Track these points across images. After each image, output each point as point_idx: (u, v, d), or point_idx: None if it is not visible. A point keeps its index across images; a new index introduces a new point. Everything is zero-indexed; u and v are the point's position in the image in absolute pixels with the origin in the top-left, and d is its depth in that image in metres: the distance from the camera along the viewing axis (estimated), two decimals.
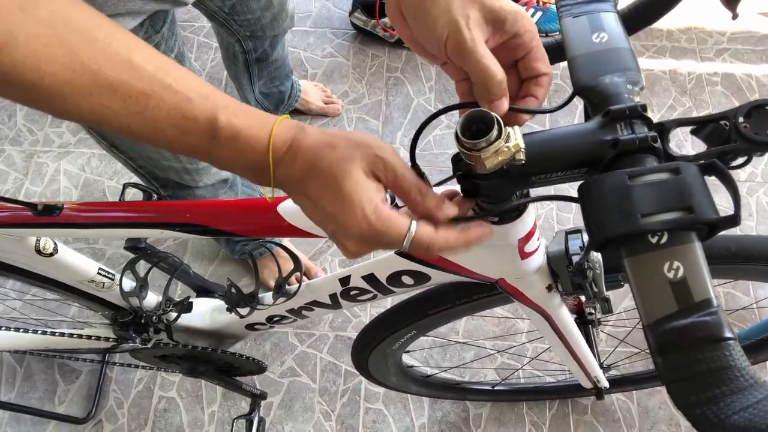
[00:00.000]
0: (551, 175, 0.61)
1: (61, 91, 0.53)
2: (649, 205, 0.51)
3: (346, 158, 0.60)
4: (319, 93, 2.41)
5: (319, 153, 0.60)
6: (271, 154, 0.61)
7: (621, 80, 0.63)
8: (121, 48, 0.55)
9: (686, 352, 0.47)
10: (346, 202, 0.60)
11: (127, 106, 0.56)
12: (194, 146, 0.60)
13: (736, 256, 0.95)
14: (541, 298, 0.96)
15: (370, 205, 0.60)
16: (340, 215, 0.61)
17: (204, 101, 0.59)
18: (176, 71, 0.58)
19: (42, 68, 0.51)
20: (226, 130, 0.59)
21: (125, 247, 1.09)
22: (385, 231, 0.61)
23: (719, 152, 0.55)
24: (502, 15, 0.62)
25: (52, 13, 0.51)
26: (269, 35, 1.74)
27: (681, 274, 0.50)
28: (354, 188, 0.60)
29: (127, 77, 0.55)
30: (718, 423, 0.45)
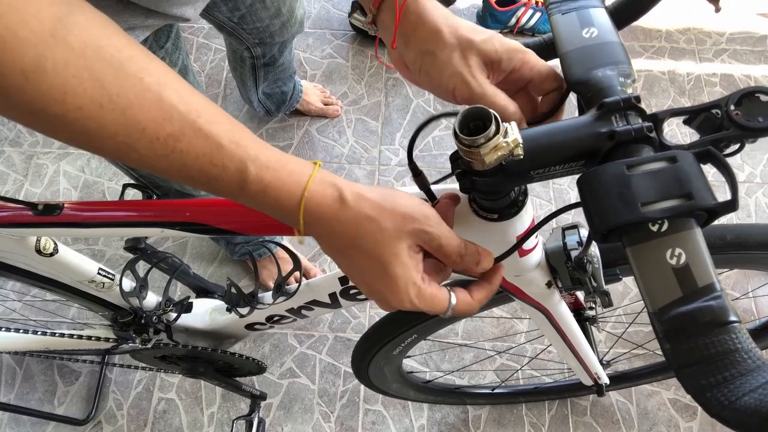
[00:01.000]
0: (549, 169, 0.61)
1: (86, 127, 0.50)
2: (648, 193, 0.51)
3: (393, 239, 0.60)
4: (318, 94, 2.41)
5: (363, 229, 0.60)
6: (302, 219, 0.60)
7: (613, 73, 0.63)
8: (152, 84, 0.52)
9: (693, 337, 0.48)
10: (391, 284, 0.61)
11: (153, 148, 0.53)
12: (221, 192, 0.59)
13: (732, 244, 0.95)
14: (540, 294, 0.97)
15: (414, 288, 0.61)
16: (383, 292, 0.62)
17: (235, 149, 0.56)
18: (208, 113, 0.56)
19: (68, 101, 0.48)
20: (256, 184, 0.57)
21: (125, 247, 1.09)
22: (428, 308, 0.64)
23: (713, 140, 0.56)
24: (497, 57, 0.68)
25: (84, 42, 0.48)
26: (278, 41, 1.72)
27: (683, 261, 0.50)
28: (402, 272, 0.60)
29: (157, 117, 0.52)
30: (729, 405, 0.45)
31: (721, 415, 0.46)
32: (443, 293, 0.64)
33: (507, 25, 2.57)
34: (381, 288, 0.62)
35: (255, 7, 1.51)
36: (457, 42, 0.68)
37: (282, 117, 2.41)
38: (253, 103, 2.16)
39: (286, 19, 1.61)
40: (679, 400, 1.90)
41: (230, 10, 1.50)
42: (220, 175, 0.56)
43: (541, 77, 0.70)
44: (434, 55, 0.69)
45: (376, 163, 2.32)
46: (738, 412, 0.45)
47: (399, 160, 2.33)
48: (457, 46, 0.68)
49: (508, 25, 2.57)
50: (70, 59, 0.47)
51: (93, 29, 0.50)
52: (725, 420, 0.46)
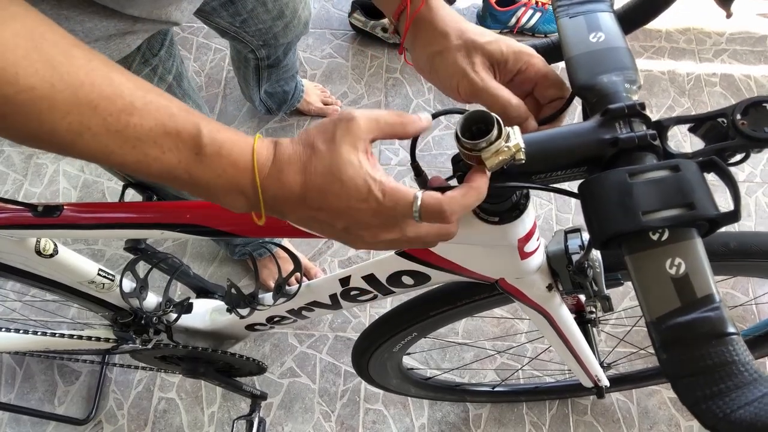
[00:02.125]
0: (551, 174, 0.61)
1: (39, 107, 0.50)
2: (649, 202, 0.51)
3: (330, 146, 0.59)
4: (318, 94, 2.41)
5: (304, 157, 0.60)
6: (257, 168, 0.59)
7: (619, 79, 0.63)
8: (100, 65, 0.53)
9: (690, 348, 0.48)
10: (352, 192, 0.59)
11: (106, 125, 0.53)
12: (175, 166, 0.57)
13: (735, 252, 0.95)
14: (541, 297, 0.96)
15: (375, 184, 0.59)
16: (349, 205, 0.60)
17: (186, 115, 0.57)
18: (156, 89, 0.57)
19: (20, 82, 0.48)
20: (210, 145, 0.57)
21: (125, 248, 1.09)
22: (394, 205, 0.60)
23: (717, 149, 0.55)
24: (504, 57, 0.71)
25: (29, 28, 0.49)
26: (282, 43, 1.71)
27: (683, 271, 0.50)
28: (355, 173, 0.58)
29: (108, 94, 0.52)
30: (724, 417, 0.45)
31: (716, 427, 0.46)
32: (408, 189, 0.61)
33: (507, 25, 2.57)
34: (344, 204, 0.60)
35: (257, 11, 1.50)
36: (462, 43, 0.72)
37: (282, 116, 2.41)
38: (255, 102, 2.16)
39: (290, 20, 1.60)
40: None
41: (231, 16, 1.49)
42: (175, 144, 0.56)
43: (547, 82, 0.72)
44: (441, 55, 0.73)
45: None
46: (733, 425, 0.45)
47: (399, 160, 2.33)
48: (463, 46, 0.71)
49: (508, 25, 2.57)
50: (18, 42, 0.48)
51: (34, 17, 0.51)
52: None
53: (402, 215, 0.61)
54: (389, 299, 1.96)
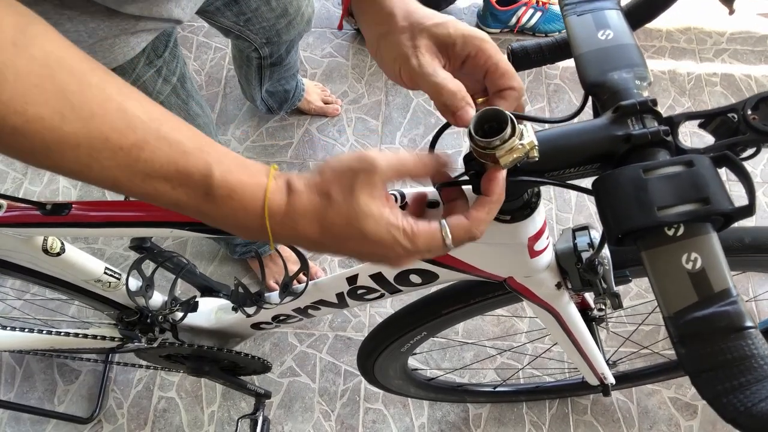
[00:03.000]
0: (564, 171, 0.61)
1: (46, 139, 0.48)
2: (664, 197, 0.51)
3: (348, 198, 0.58)
4: (319, 92, 2.41)
5: (320, 208, 0.58)
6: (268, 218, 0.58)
7: (629, 76, 0.63)
8: (114, 94, 0.51)
9: (708, 343, 0.48)
10: (376, 244, 0.58)
11: (116, 158, 0.51)
12: (184, 202, 0.56)
13: (749, 247, 0.96)
14: (550, 295, 0.97)
15: (400, 234, 0.58)
16: (376, 253, 0.60)
17: (199, 154, 0.55)
18: (170, 122, 0.54)
19: (28, 112, 0.46)
20: (221, 188, 0.56)
21: (130, 246, 1.09)
22: (426, 247, 0.60)
23: (729, 144, 0.56)
24: (451, 40, 0.66)
25: (46, 52, 0.47)
26: (285, 40, 1.70)
27: (699, 265, 0.50)
28: (377, 226, 0.58)
29: (120, 127, 0.50)
30: (745, 411, 0.45)
31: (737, 420, 0.46)
32: (434, 225, 0.60)
33: (507, 24, 2.57)
34: (368, 250, 0.59)
35: (260, 9, 1.50)
36: (408, 25, 0.67)
37: (282, 116, 2.41)
38: (256, 101, 2.16)
39: (293, 17, 1.60)
40: (680, 399, 1.91)
41: (235, 15, 1.49)
42: (185, 181, 0.55)
43: (498, 71, 0.67)
44: (385, 37, 0.69)
45: None
46: (754, 419, 0.45)
47: None
48: (408, 28, 0.67)
49: (509, 25, 2.57)
50: (32, 69, 0.46)
51: (54, 39, 0.48)
52: (741, 426, 0.46)
53: (435, 249, 0.61)
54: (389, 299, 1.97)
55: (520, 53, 0.82)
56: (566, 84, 2.48)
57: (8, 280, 1.98)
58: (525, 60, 0.83)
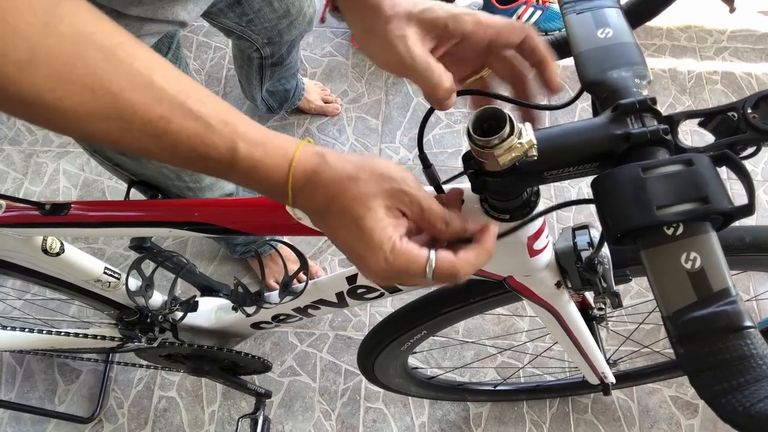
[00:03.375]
0: (563, 170, 0.61)
1: (79, 113, 0.50)
2: (664, 196, 0.51)
3: (369, 194, 0.60)
4: (319, 92, 2.41)
5: (341, 186, 0.60)
6: (291, 187, 0.60)
7: (628, 74, 0.63)
8: (142, 68, 0.52)
9: (707, 342, 0.48)
10: (365, 241, 0.60)
11: (146, 130, 0.53)
12: (212, 170, 0.59)
13: (750, 246, 0.95)
14: (550, 294, 0.96)
15: (388, 244, 0.60)
16: (360, 251, 0.61)
17: (224, 128, 0.57)
18: (197, 93, 0.56)
19: (61, 89, 0.48)
20: (246, 161, 0.58)
21: (130, 246, 1.09)
22: (405, 268, 0.61)
23: (729, 143, 0.55)
24: (441, 22, 0.67)
25: (75, 30, 0.48)
26: (287, 40, 1.70)
27: (698, 265, 0.50)
28: (374, 227, 0.59)
29: (148, 100, 0.52)
30: (743, 411, 0.45)
31: (735, 420, 0.46)
32: (422, 251, 0.61)
33: None
34: (356, 247, 0.61)
35: (263, 10, 1.50)
36: (394, 14, 0.67)
37: (282, 115, 2.41)
38: (256, 101, 2.16)
39: (295, 17, 1.60)
40: (681, 398, 1.91)
41: (238, 16, 1.49)
42: (211, 153, 0.57)
43: (500, 34, 0.68)
44: (373, 29, 0.68)
45: None
46: (752, 419, 0.45)
47: (400, 158, 2.33)
48: (394, 17, 0.67)
49: None
50: (62, 48, 0.47)
51: (83, 16, 0.49)
52: (739, 426, 0.46)
53: (413, 275, 0.62)
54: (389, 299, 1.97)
55: None
56: (566, 83, 2.47)
57: (8, 280, 1.98)
58: None
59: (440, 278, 0.62)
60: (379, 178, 0.60)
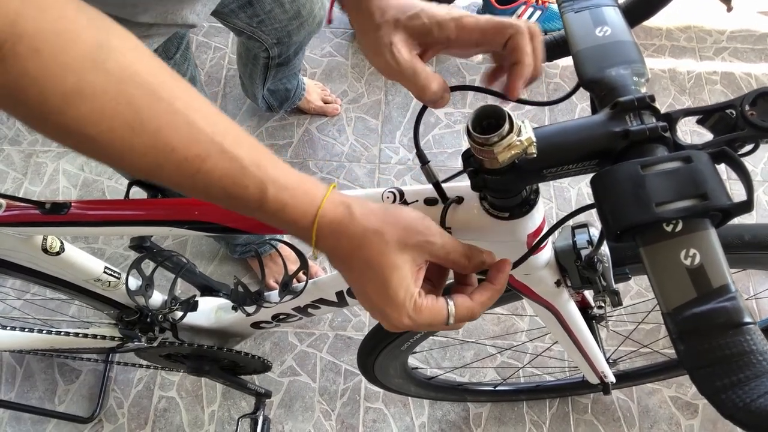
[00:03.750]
0: (562, 168, 0.61)
1: (118, 147, 0.52)
2: (663, 193, 0.51)
3: (396, 251, 0.61)
4: (319, 92, 2.41)
5: (366, 240, 0.61)
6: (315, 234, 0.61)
7: (627, 72, 0.64)
8: (182, 108, 0.53)
9: (707, 339, 0.48)
10: (389, 298, 0.61)
11: (181, 168, 0.54)
12: (241, 208, 0.60)
13: (749, 244, 0.96)
14: (549, 293, 0.97)
15: (411, 302, 0.61)
16: (382, 306, 0.62)
17: (256, 171, 0.57)
18: (232, 133, 0.57)
19: (103, 124, 0.49)
20: (273, 203, 0.59)
21: (130, 245, 1.09)
22: (428, 322, 0.63)
23: (727, 140, 0.56)
24: (427, 29, 0.70)
25: (122, 68, 0.50)
26: (296, 41, 1.71)
27: (698, 261, 0.50)
28: (399, 285, 0.61)
29: (185, 139, 0.54)
30: (744, 407, 0.45)
31: (736, 417, 0.46)
32: (441, 302, 0.64)
33: None
34: (381, 302, 0.62)
35: (274, 12, 1.51)
36: (383, 21, 0.70)
37: (282, 115, 2.41)
38: (257, 100, 2.16)
39: (305, 19, 1.61)
40: (680, 398, 1.91)
41: (249, 17, 1.50)
42: (241, 194, 0.58)
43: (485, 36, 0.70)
44: (367, 35, 0.71)
45: (376, 161, 2.32)
46: (753, 415, 0.45)
47: (399, 159, 2.33)
48: (383, 25, 0.70)
49: None
50: (108, 85, 0.49)
51: (129, 54, 0.50)
52: (739, 422, 0.46)
53: (436, 325, 0.64)
54: None
55: None
56: (566, 82, 2.48)
57: (8, 279, 1.98)
58: None
59: (461, 321, 0.65)
60: (405, 232, 0.62)
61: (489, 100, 0.69)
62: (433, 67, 2.52)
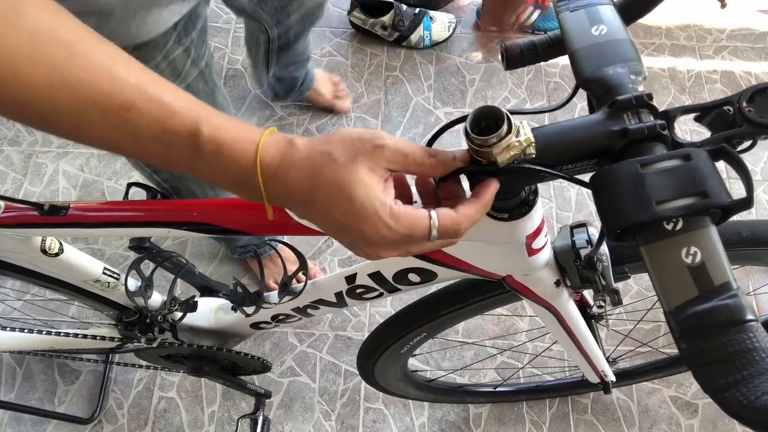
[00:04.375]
0: (561, 167, 0.61)
1: (41, 105, 0.51)
2: (662, 192, 0.51)
3: (348, 162, 0.57)
4: (330, 86, 2.41)
5: (317, 163, 0.58)
6: (260, 173, 0.58)
7: (624, 71, 0.63)
8: (103, 60, 0.53)
9: (710, 337, 0.48)
10: (359, 212, 0.58)
11: (107, 120, 0.53)
12: (176, 161, 0.58)
13: (747, 241, 0.96)
14: (549, 293, 0.97)
15: (384, 209, 0.58)
16: (358, 226, 0.59)
17: (186, 112, 0.56)
18: (157, 83, 0.56)
19: (22, 82, 0.49)
20: (209, 144, 0.56)
21: (129, 246, 1.09)
22: (409, 231, 0.60)
23: (725, 137, 0.56)
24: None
25: (36, 25, 0.49)
26: (294, 23, 1.73)
27: (699, 259, 0.50)
28: (365, 194, 0.57)
29: (107, 90, 0.53)
30: (748, 405, 0.45)
31: (740, 414, 0.46)
32: (422, 211, 0.60)
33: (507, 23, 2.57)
34: (354, 221, 0.59)
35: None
36: None
37: (282, 115, 2.41)
38: (263, 86, 2.18)
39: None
40: (680, 398, 1.90)
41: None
42: (174, 141, 0.56)
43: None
44: None
45: None
46: (757, 412, 0.45)
47: None
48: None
49: (509, 23, 2.57)
50: (22, 43, 0.49)
51: (45, 12, 0.51)
52: (744, 419, 0.46)
53: (418, 237, 0.60)
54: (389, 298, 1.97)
55: (512, 51, 0.82)
56: (566, 82, 2.48)
57: (8, 281, 1.98)
58: (518, 58, 0.83)
59: (444, 235, 0.61)
60: (351, 144, 0.59)
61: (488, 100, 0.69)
62: (433, 66, 2.52)
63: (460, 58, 2.53)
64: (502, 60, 0.83)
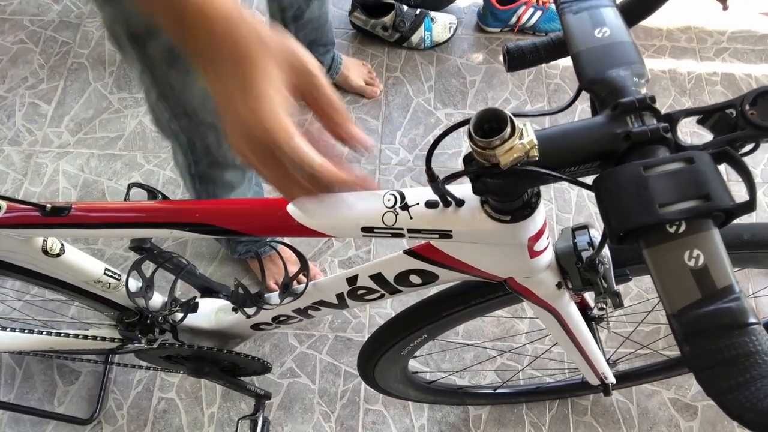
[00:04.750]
0: (564, 170, 0.61)
1: None
2: (665, 195, 0.51)
3: (269, 56, 0.57)
4: (362, 71, 2.42)
5: (239, 32, 0.57)
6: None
7: (627, 73, 0.63)
8: None
9: (712, 339, 0.48)
10: (256, 100, 0.57)
11: None
12: None
13: (749, 243, 0.96)
14: (550, 295, 0.96)
15: (285, 114, 0.58)
16: (241, 101, 0.58)
17: None
18: None
19: None
20: None
21: (130, 247, 1.09)
22: (276, 130, 0.59)
23: (728, 140, 0.56)
24: None
25: None
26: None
27: (702, 262, 0.50)
28: (269, 90, 0.57)
29: None
30: (751, 408, 0.46)
31: (743, 417, 0.46)
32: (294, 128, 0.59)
33: (508, 23, 2.57)
34: (245, 105, 0.58)
35: None
36: None
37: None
38: None
39: None
40: (680, 400, 1.90)
41: None
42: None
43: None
44: None
45: (377, 162, 2.32)
46: (760, 415, 0.45)
47: (399, 159, 2.33)
48: None
49: (509, 24, 2.57)
50: None
51: None
52: (747, 422, 0.46)
53: (278, 144, 0.60)
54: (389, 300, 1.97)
55: (515, 53, 0.82)
56: (566, 83, 2.48)
57: (8, 281, 1.98)
58: (520, 59, 0.83)
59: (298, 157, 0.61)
60: (281, 43, 0.58)
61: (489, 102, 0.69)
62: (434, 67, 2.52)
63: (461, 60, 2.54)
64: (505, 62, 0.83)
